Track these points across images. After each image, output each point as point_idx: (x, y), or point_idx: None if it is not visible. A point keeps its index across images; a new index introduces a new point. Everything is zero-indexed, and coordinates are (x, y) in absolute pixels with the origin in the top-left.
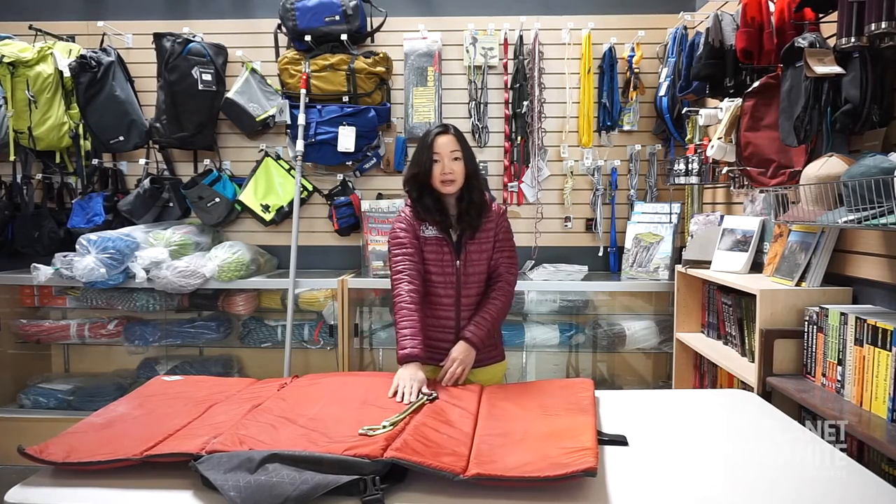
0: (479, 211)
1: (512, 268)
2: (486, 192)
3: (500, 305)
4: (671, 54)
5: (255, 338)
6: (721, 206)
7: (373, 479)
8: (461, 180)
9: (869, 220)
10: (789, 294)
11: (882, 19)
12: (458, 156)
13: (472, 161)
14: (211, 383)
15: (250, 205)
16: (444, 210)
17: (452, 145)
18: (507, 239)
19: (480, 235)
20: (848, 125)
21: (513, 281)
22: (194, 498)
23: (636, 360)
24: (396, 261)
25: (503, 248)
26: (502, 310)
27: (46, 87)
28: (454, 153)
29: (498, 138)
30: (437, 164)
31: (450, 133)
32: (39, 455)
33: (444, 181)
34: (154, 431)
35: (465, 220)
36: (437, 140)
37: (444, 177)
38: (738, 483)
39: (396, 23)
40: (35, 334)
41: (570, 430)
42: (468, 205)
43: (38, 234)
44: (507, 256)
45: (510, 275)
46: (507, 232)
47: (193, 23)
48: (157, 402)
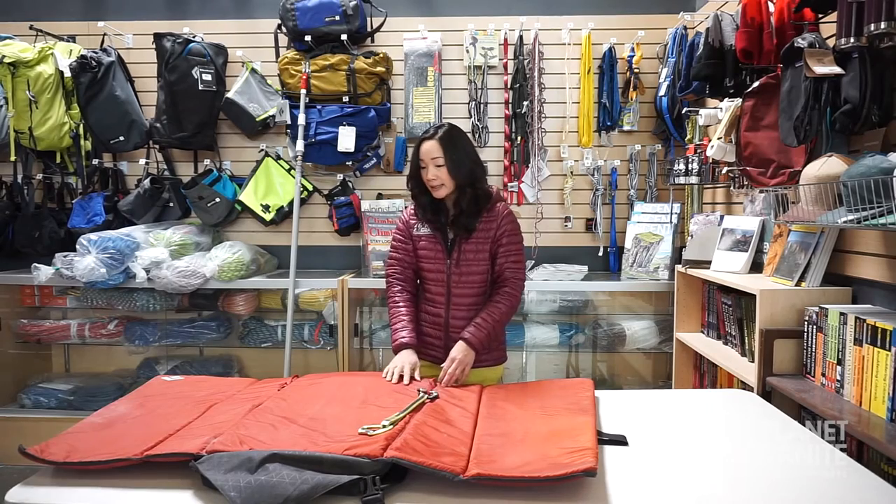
0: (472, 216)
1: (518, 272)
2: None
3: (504, 309)
4: (671, 54)
5: (255, 338)
6: (721, 206)
7: (373, 479)
8: (450, 185)
9: (868, 220)
10: (789, 294)
11: (881, 19)
12: (441, 163)
13: (461, 167)
14: (211, 383)
15: (250, 205)
16: (439, 210)
17: (435, 152)
18: (512, 242)
19: (477, 235)
20: (847, 125)
21: (519, 285)
22: (194, 498)
23: (636, 360)
24: (389, 263)
25: (509, 251)
26: (506, 314)
27: (47, 88)
28: (436, 160)
29: (498, 138)
30: (423, 170)
31: (434, 139)
32: (40, 455)
33: (430, 186)
34: (154, 431)
35: (459, 223)
36: (422, 146)
37: (429, 182)
38: (738, 483)
39: (396, 23)
40: (35, 334)
41: (570, 430)
42: (460, 211)
43: (38, 234)
44: (514, 261)
45: (516, 279)
46: (512, 234)
47: (193, 23)
48: (157, 402)
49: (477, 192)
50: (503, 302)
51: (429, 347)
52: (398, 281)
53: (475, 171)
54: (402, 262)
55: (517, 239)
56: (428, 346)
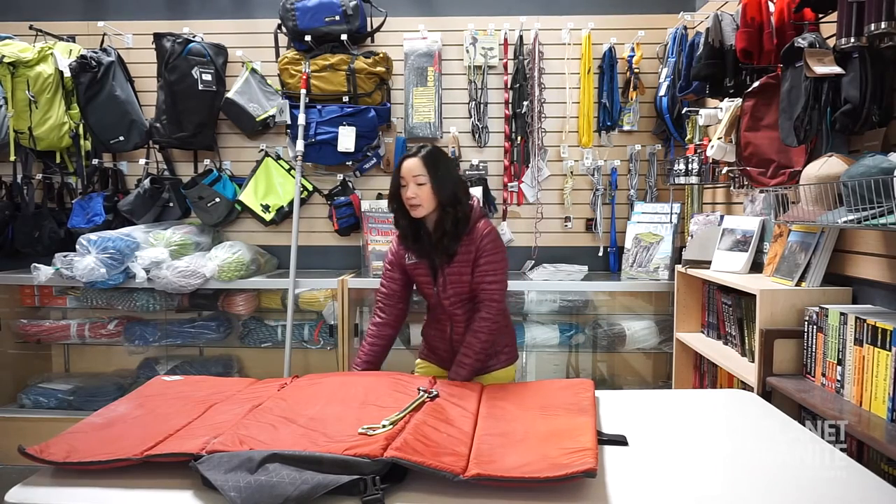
0: (453, 238)
1: (494, 293)
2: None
3: (484, 338)
4: (671, 54)
5: (255, 338)
6: (721, 206)
7: (373, 479)
8: (429, 205)
9: (868, 220)
10: (789, 294)
11: (882, 19)
12: (423, 181)
13: (444, 187)
14: (211, 383)
15: (250, 205)
16: (418, 232)
17: (418, 170)
18: (490, 262)
19: (459, 259)
20: (847, 125)
21: (494, 308)
22: (194, 498)
23: (636, 360)
24: (376, 290)
25: (485, 271)
26: (486, 342)
27: (47, 88)
28: (418, 178)
29: (498, 138)
30: (403, 188)
31: (417, 157)
32: (40, 455)
33: (409, 205)
34: (154, 431)
35: (440, 246)
36: (404, 164)
37: (408, 201)
38: (738, 483)
39: (396, 23)
40: (35, 334)
41: (570, 430)
42: (442, 233)
43: (38, 234)
44: (490, 281)
45: (491, 301)
46: (491, 253)
47: (193, 23)
48: (157, 402)
49: (458, 214)
50: (481, 332)
51: (434, 353)
52: (379, 311)
53: (458, 193)
54: (387, 294)
55: (496, 258)
56: (434, 351)
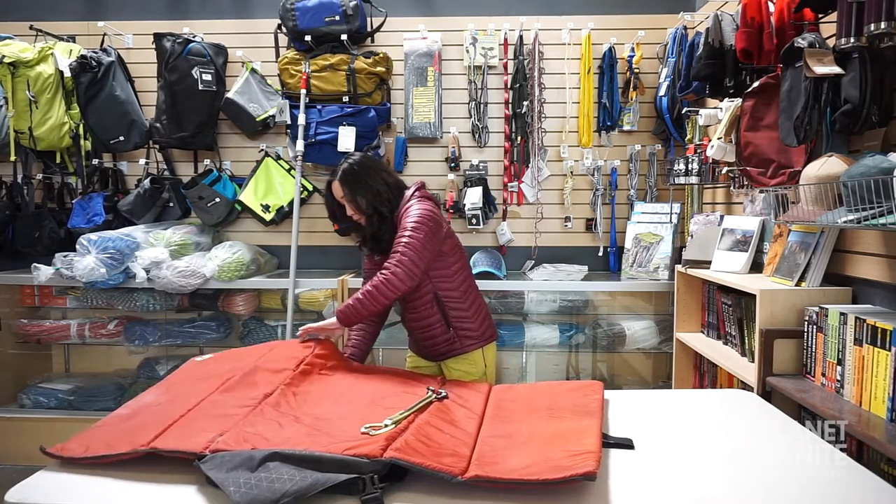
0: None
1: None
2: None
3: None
4: (671, 54)
5: (255, 338)
6: (721, 206)
7: (371, 479)
8: (361, 216)
9: (868, 220)
10: (789, 294)
11: (881, 19)
12: (348, 199)
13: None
14: (235, 355)
15: (250, 205)
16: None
17: (339, 192)
18: (406, 227)
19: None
20: (847, 125)
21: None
22: (198, 493)
23: (636, 360)
24: None
25: (401, 234)
26: (379, 287)
27: (47, 88)
28: (343, 198)
29: (498, 138)
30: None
31: (336, 180)
32: (60, 453)
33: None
34: (165, 418)
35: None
36: (331, 188)
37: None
38: (738, 483)
39: (396, 23)
40: (35, 334)
41: (575, 432)
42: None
43: (38, 234)
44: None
45: (396, 254)
46: (407, 218)
47: (193, 23)
48: (180, 387)
49: (381, 223)
50: (379, 276)
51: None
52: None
53: (376, 201)
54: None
55: (412, 223)
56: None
